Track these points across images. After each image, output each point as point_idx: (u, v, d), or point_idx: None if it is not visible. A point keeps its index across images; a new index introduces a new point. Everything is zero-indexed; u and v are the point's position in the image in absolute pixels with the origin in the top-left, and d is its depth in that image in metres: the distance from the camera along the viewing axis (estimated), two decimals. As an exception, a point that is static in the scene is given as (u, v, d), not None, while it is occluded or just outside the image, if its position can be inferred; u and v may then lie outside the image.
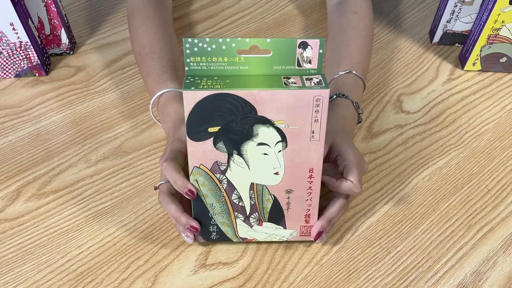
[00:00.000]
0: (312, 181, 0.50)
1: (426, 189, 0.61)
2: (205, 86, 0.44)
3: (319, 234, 0.53)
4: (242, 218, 0.52)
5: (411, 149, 0.65)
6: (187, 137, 0.47)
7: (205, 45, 0.44)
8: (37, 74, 0.74)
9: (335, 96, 0.60)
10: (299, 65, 0.45)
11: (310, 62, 0.45)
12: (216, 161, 0.48)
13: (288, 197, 0.51)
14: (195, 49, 0.45)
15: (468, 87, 0.74)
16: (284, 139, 0.47)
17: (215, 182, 0.50)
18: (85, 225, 0.57)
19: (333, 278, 0.53)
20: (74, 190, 0.61)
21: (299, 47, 0.44)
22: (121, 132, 0.67)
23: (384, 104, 0.71)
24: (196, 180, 0.49)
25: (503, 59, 0.74)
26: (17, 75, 0.74)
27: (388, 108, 0.70)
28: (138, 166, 0.63)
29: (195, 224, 0.51)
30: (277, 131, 0.46)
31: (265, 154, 0.48)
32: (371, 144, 0.66)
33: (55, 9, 0.72)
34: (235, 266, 0.54)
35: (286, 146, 0.47)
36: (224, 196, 0.51)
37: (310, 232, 0.54)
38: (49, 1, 0.71)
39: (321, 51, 0.44)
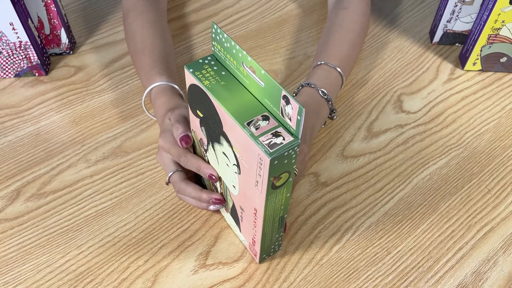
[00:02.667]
0: (256, 220, 0.48)
1: (426, 189, 0.61)
2: (201, 75, 0.44)
3: None
4: None
5: (411, 149, 0.65)
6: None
7: (223, 39, 0.43)
8: (37, 74, 0.74)
9: (301, 87, 0.63)
10: (282, 114, 0.41)
11: (290, 119, 0.40)
12: (201, 139, 0.50)
13: (242, 213, 0.50)
14: (218, 37, 0.44)
15: (468, 87, 0.74)
16: (238, 166, 0.45)
17: (202, 152, 0.52)
18: (85, 225, 0.57)
19: (333, 278, 0.53)
20: (73, 190, 0.61)
21: (283, 98, 0.39)
22: (121, 132, 0.67)
23: (384, 104, 0.71)
24: (194, 138, 0.53)
25: (503, 59, 0.74)
26: (17, 75, 0.74)
27: (388, 108, 0.70)
28: (138, 166, 0.63)
29: (218, 196, 0.52)
30: (234, 155, 0.45)
31: (226, 164, 0.48)
32: (371, 144, 0.66)
33: (55, 9, 0.72)
34: (235, 266, 0.54)
35: (240, 173, 0.46)
36: None
37: (255, 253, 0.53)
38: (49, 1, 0.71)
39: (299, 117, 0.39)
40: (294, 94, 0.64)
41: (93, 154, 0.64)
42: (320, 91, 0.61)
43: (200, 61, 0.46)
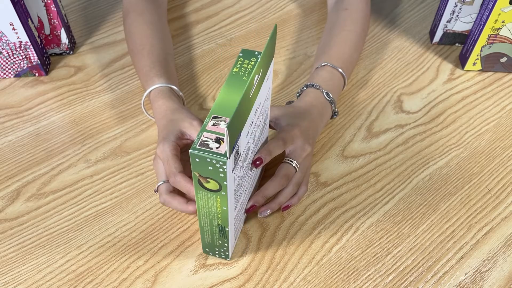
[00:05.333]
0: None
1: (426, 189, 0.61)
2: (240, 62, 0.45)
3: (251, 208, 0.53)
4: None
5: (411, 149, 0.65)
6: None
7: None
8: (37, 74, 0.74)
9: (305, 88, 0.63)
10: None
11: None
12: None
13: None
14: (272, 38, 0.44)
15: (469, 87, 0.74)
16: None
17: None
18: (85, 225, 0.57)
19: (333, 278, 0.53)
20: (73, 190, 0.61)
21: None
22: (121, 132, 0.67)
23: (384, 104, 0.71)
24: None
25: (503, 59, 0.74)
26: (17, 75, 0.74)
27: (388, 108, 0.70)
28: (138, 166, 0.63)
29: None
30: None
31: None
32: (371, 144, 0.66)
33: (55, 9, 0.72)
34: (235, 266, 0.54)
35: None
36: None
37: None
38: (49, 1, 0.71)
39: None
40: (297, 94, 0.64)
41: (93, 154, 0.64)
42: (324, 93, 0.61)
43: (256, 53, 0.46)
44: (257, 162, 0.50)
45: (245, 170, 0.48)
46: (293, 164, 0.54)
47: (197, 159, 0.41)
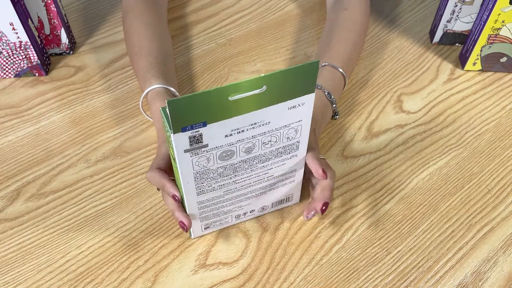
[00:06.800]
0: None
1: (426, 189, 0.61)
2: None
3: (324, 207, 0.53)
4: None
5: (411, 149, 0.65)
6: None
7: None
8: (37, 74, 0.74)
9: None
10: None
11: None
12: None
13: None
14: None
15: (469, 87, 0.74)
16: None
17: None
18: (85, 225, 0.57)
19: (333, 278, 0.53)
20: (74, 190, 0.61)
21: None
22: (121, 132, 0.67)
23: (384, 104, 0.71)
24: None
25: (504, 59, 0.74)
26: (17, 75, 0.74)
27: (388, 108, 0.70)
28: (138, 166, 0.63)
29: (185, 221, 0.50)
30: None
31: None
32: (371, 144, 0.66)
33: (55, 9, 0.72)
34: (235, 266, 0.54)
35: None
36: None
37: None
38: (49, 1, 0.71)
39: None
40: None
41: (93, 154, 0.64)
42: (326, 93, 0.61)
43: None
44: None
45: (225, 170, 0.48)
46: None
47: (163, 113, 0.42)
